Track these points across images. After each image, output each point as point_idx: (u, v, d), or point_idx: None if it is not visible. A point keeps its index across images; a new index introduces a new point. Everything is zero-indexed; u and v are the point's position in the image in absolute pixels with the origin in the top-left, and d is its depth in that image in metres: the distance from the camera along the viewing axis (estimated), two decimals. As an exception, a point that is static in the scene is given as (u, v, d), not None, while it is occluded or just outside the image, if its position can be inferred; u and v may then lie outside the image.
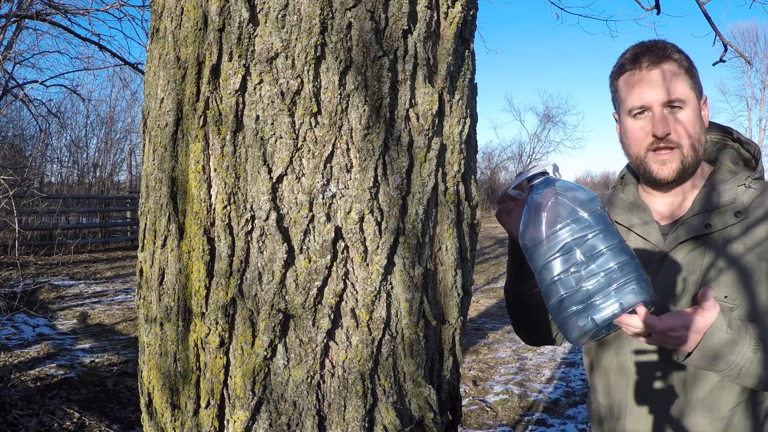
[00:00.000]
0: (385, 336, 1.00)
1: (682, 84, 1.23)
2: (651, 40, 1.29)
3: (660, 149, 1.24)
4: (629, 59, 1.27)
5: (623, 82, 1.28)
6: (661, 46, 1.26)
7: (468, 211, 1.13)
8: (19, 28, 9.81)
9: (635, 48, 1.28)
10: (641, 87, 1.24)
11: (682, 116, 1.22)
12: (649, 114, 1.24)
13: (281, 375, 0.99)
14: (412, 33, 1.02)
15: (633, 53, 1.27)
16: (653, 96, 1.22)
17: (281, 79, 0.98)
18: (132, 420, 4.07)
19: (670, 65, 1.23)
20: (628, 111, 1.27)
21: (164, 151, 1.08)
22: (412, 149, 1.03)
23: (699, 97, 1.27)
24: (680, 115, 1.22)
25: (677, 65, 1.24)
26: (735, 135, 1.35)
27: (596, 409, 1.38)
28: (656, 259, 1.25)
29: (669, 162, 1.23)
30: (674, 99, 1.22)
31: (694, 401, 1.21)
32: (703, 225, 1.22)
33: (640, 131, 1.25)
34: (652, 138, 1.23)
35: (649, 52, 1.25)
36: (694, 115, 1.23)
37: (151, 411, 1.13)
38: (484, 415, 4.34)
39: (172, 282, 1.06)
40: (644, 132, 1.25)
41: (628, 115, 1.27)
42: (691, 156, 1.23)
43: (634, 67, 1.25)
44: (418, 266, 1.02)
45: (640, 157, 1.27)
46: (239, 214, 0.99)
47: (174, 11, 1.07)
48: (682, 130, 1.22)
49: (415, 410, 1.04)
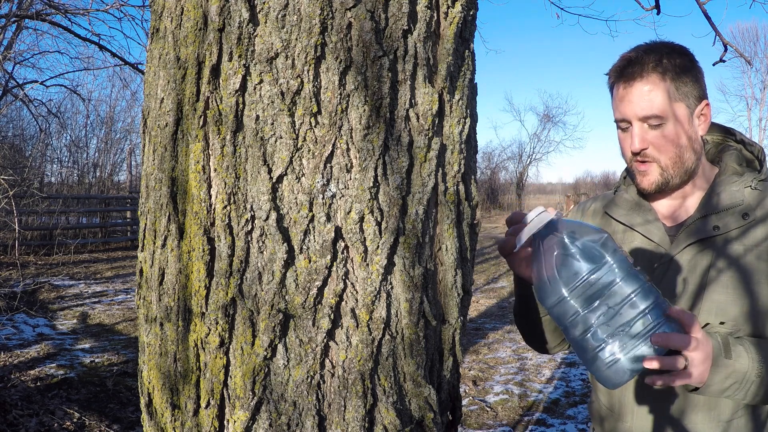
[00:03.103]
0: (385, 336, 1.00)
1: (659, 99, 1.20)
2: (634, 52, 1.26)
3: (639, 162, 1.26)
4: (617, 72, 1.26)
5: (613, 93, 1.29)
6: (640, 60, 1.22)
7: (468, 211, 1.13)
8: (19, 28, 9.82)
9: (620, 60, 1.26)
10: (622, 101, 1.24)
11: (659, 132, 1.21)
12: (630, 127, 1.25)
13: (281, 375, 0.99)
14: (412, 33, 1.02)
15: (619, 65, 1.26)
16: (629, 112, 1.23)
17: (281, 79, 0.98)
18: (132, 420, 4.07)
19: (651, 79, 1.20)
20: (615, 122, 1.29)
21: (164, 151, 1.08)
22: (412, 149, 1.03)
23: (692, 104, 1.23)
24: (658, 131, 1.21)
25: (659, 77, 1.20)
26: (738, 136, 1.34)
27: (597, 408, 1.38)
28: (663, 262, 1.25)
29: (647, 174, 1.25)
30: (650, 116, 1.21)
31: (695, 401, 1.21)
32: (711, 227, 1.22)
33: (624, 143, 1.28)
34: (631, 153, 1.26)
35: (631, 66, 1.23)
36: (674, 129, 1.21)
37: (151, 411, 1.13)
38: (484, 415, 4.34)
39: (172, 282, 1.06)
40: (626, 144, 1.27)
41: (617, 126, 1.29)
42: (673, 168, 1.23)
43: (618, 82, 1.25)
44: (418, 266, 1.02)
45: (629, 166, 1.31)
46: (239, 214, 0.99)
47: (174, 11, 1.07)
48: (660, 146, 1.22)
49: (415, 410, 1.04)
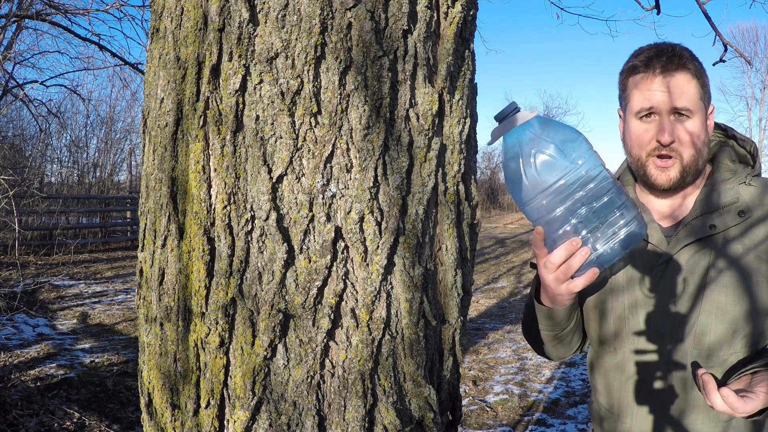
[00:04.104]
0: (385, 336, 1.00)
1: (693, 93, 1.20)
2: (667, 45, 1.25)
3: (662, 156, 1.22)
4: (643, 62, 1.23)
5: (633, 83, 1.25)
6: (678, 53, 1.22)
7: (468, 211, 1.13)
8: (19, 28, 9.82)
9: (650, 51, 1.25)
10: (651, 90, 1.21)
11: (688, 125, 1.20)
12: (656, 118, 1.22)
13: (281, 375, 0.99)
14: (412, 33, 1.02)
15: (647, 56, 1.23)
16: (663, 101, 1.20)
17: (281, 79, 0.98)
18: (132, 420, 4.07)
19: (684, 74, 1.21)
20: (635, 112, 1.24)
21: (164, 151, 1.08)
22: (412, 149, 1.03)
23: (707, 107, 1.24)
24: (687, 124, 1.20)
25: (691, 74, 1.21)
26: (730, 132, 1.34)
27: (597, 408, 1.38)
28: (661, 262, 1.24)
29: (669, 170, 1.22)
30: (683, 107, 1.19)
31: (694, 401, 1.21)
32: (707, 226, 1.21)
33: (645, 134, 1.23)
34: (656, 143, 1.22)
35: (665, 57, 1.21)
36: (700, 126, 1.21)
37: (151, 411, 1.13)
38: (484, 415, 4.34)
39: (172, 282, 1.06)
40: (649, 135, 1.23)
41: (634, 117, 1.24)
42: (691, 166, 1.22)
43: (648, 71, 1.22)
44: (418, 266, 1.02)
45: (641, 160, 1.25)
46: (239, 214, 0.99)
47: (174, 11, 1.07)
48: (686, 140, 1.20)
49: (415, 410, 1.04)
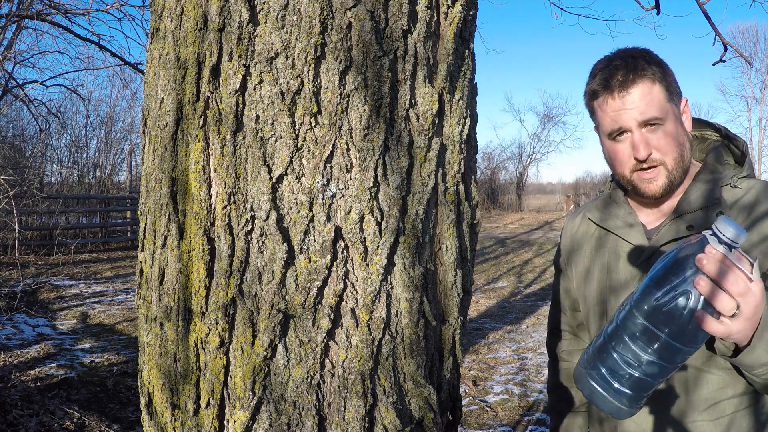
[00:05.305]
0: (385, 336, 1.00)
1: (658, 99, 1.18)
2: (621, 56, 1.22)
3: (644, 169, 1.21)
4: (601, 84, 1.21)
5: (597, 105, 1.23)
6: (632, 64, 1.19)
7: (468, 211, 1.13)
8: (19, 28, 9.82)
9: (605, 70, 1.21)
10: (616, 111, 1.19)
11: (662, 132, 1.19)
12: (629, 135, 1.20)
13: (281, 375, 0.99)
14: (412, 33, 1.02)
15: (603, 77, 1.21)
16: (629, 119, 1.18)
17: (281, 79, 0.98)
18: (132, 420, 4.07)
19: (644, 83, 1.18)
20: (607, 134, 1.23)
21: (164, 151, 1.08)
22: (412, 149, 1.03)
23: (678, 102, 1.22)
24: (659, 132, 1.19)
25: (651, 80, 1.18)
26: (723, 131, 1.33)
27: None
28: (639, 263, 1.25)
29: (655, 180, 1.21)
30: (651, 118, 1.18)
31: (695, 402, 1.20)
32: (686, 227, 1.22)
33: (623, 153, 1.22)
34: (635, 160, 1.21)
35: (620, 73, 1.18)
36: (674, 127, 1.20)
37: (151, 411, 1.13)
38: (484, 415, 4.34)
39: (172, 282, 1.06)
40: (626, 153, 1.21)
41: (607, 138, 1.24)
42: (677, 169, 1.21)
43: (606, 92, 1.20)
44: (418, 266, 1.02)
45: (627, 177, 1.24)
46: (239, 214, 0.99)
47: (174, 11, 1.07)
48: (664, 147, 1.19)
49: (415, 410, 1.04)
